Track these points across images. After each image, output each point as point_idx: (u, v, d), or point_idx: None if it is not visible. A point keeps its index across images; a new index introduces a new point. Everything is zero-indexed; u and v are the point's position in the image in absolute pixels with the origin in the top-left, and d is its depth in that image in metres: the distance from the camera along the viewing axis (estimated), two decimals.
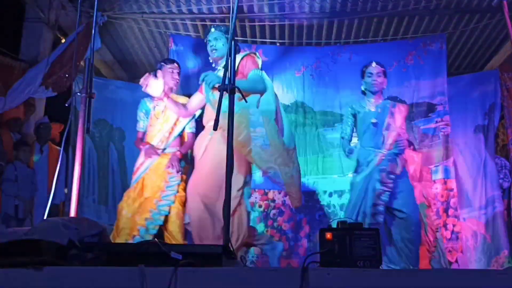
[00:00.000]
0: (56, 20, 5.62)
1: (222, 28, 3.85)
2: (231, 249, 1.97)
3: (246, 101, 2.73)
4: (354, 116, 4.19)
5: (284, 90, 5.67)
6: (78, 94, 2.45)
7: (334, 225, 2.21)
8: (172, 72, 4.24)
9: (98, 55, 6.35)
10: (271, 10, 5.79)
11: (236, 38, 5.95)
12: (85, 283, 1.57)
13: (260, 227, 5.27)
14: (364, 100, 4.21)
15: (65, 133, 2.74)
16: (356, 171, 4.10)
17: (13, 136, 5.32)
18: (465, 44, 6.46)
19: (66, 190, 5.16)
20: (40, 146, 5.41)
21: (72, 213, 2.26)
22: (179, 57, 5.29)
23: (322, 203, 5.34)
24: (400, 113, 4.06)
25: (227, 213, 2.14)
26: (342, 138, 4.26)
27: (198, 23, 6.03)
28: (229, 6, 2.53)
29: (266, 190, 5.38)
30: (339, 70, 5.66)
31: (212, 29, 3.87)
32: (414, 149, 5.14)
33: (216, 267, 1.71)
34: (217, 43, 3.79)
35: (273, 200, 5.38)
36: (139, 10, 5.65)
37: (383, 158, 3.92)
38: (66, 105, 2.96)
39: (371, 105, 4.11)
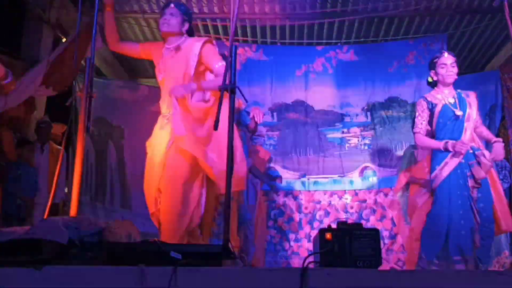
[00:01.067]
0: (57, 19, 5.63)
1: (182, 7, 3.47)
2: (231, 249, 1.98)
3: (247, 101, 2.73)
4: (431, 110, 3.80)
5: (285, 89, 5.68)
6: (78, 93, 2.46)
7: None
8: None
9: (99, 54, 6.35)
10: (272, 10, 5.79)
11: (236, 38, 5.97)
12: (85, 282, 1.57)
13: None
14: (436, 92, 3.86)
15: (66, 133, 2.74)
16: (438, 162, 3.70)
17: (14, 135, 5.32)
18: (466, 44, 6.46)
19: (66, 189, 5.16)
20: (41, 146, 5.41)
21: (73, 212, 2.27)
22: None
23: (322, 202, 5.35)
24: (474, 103, 3.87)
25: (226, 213, 2.14)
26: (416, 133, 3.82)
27: (199, 23, 6.04)
28: (230, 6, 2.53)
29: (267, 190, 5.38)
30: (340, 70, 5.67)
31: (172, 5, 3.41)
32: None
33: (215, 267, 1.72)
34: (171, 19, 3.34)
35: (274, 200, 5.39)
36: (140, 9, 5.66)
37: (469, 150, 3.60)
38: (67, 104, 2.97)
39: (448, 96, 3.80)
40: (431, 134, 3.84)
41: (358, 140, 5.55)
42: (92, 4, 2.91)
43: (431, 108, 3.81)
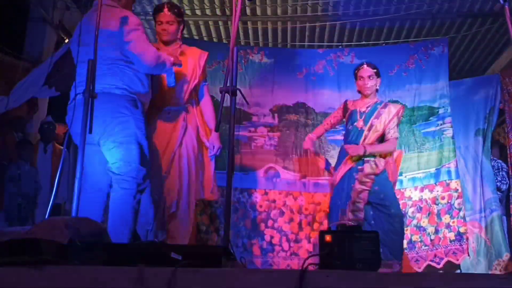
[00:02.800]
0: (60, 20, 5.65)
1: (176, 10, 3.54)
2: (231, 250, 1.99)
3: (248, 103, 2.74)
4: (345, 111, 4.16)
5: (286, 91, 5.69)
6: (80, 94, 2.46)
7: (334, 227, 2.22)
8: None
9: None
10: (274, 12, 5.81)
11: (238, 40, 5.99)
12: (85, 282, 1.58)
13: (260, 228, 5.28)
14: (360, 99, 4.15)
15: (67, 133, 2.75)
16: (335, 168, 4.09)
17: (16, 135, 5.34)
18: (467, 48, 6.47)
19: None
20: (44, 146, 5.43)
21: (74, 213, 2.28)
22: None
23: (322, 204, 5.35)
24: (388, 114, 4.02)
25: (227, 213, 2.15)
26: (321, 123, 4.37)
27: (201, 25, 6.06)
28: (232, 8, 2.54)
29: (267, 191, 5.39)
30: (341, 73, 5.67)
31: (165, 10, 3.49)
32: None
33: (215, 268, 1.72)
34: (170, 27, 3.49)
35: (274, 201, 5.39)
36: (142, 11, 5.68)
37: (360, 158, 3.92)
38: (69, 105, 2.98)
39: (364, 105, 4.07)
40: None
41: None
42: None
43: (346, 110, 4.18)
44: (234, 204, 5.25)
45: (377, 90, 4.13)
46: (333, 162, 5.46)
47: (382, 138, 4.02)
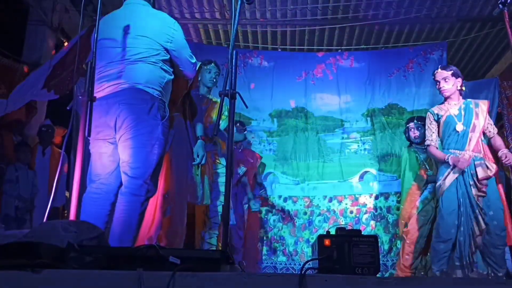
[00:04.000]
0: (59, 23, 5.65)
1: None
2: (229, 254, 1.98)
3: (247, 107, 2.74)
4: (437, 121, 3.98)
5: (285, 95, 5.69)
6: (80, 97, 2.45)
7: (333, 231, 2.21)
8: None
9: None
10: (273, 16, 5.82)
11: (237, 43, 5.99)
12: (83, 286, 1.57)
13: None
14: (444, 103, 4.02)
15: (66, 137, 2.72)
16: (440, 174, 3.87)
17: (14, 138, 5.33)
18: (466, 52, 6.48)
19: (67, 193, 5.17)
20: (43, 149, 5.42)
21: (72, 216, 2.26)
22: None
23: (321, 208, 5.35)
24: (482, 112, 3.94)
25: (225, 216, 2.14)
26: (428, 145, 3.98)
27: (201, 28, 6.07)
28: (231, 12, 2.54)
29: (266, 196, 5.38)
30: (340, 76, 5.69)
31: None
32: None
33: (214, 272, 1.72)
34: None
35: (273, 206, 5.39)
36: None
37: (471, 160, 3.75)
38: (68, 108, 2.98)
39: (454, 107, 3.93)
40: (440, 143, 3.99)
41: (358, 145, 5.56)
42: (95, 8, 2.92)
43: (437, 119, 3.98)
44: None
45: (460, 92, 3.96)
46: (331, 165, 5.50)
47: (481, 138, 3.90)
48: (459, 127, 3.82)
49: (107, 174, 2.73)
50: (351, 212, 5.30)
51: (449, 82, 3.91)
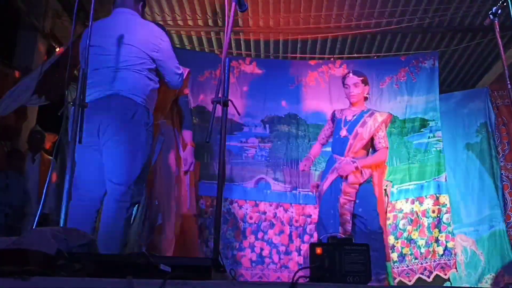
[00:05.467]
0: (51, 29, 5.64)
1: None
2: (221, 262, 1.97)
3: (239, 114, 2.74)
4: (333, 121, 4.19)
5: (278, 102, 5.70)
6: (70, 103, 2.44)
7: (324, 239, 2.21)
8: None
9: None
10: (266, 24, 5.84)
11: (230, 51, 6.01)
12: None
13: (251, 239, 5.26)
14: (348, 108, 4.20)
15: (57, 143, 2.72)
16: (322, 177, 4.11)
17: (4, 144, 5.29)
18: (457, 62, 6.55)
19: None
20: (32, 155, 5.38)
21: (62, 223, 2.24)
22: None
23: (313, 216, 5.34)
24: (374, 122, 4.02)
25: (217, 225, 2.13)
26: (317, 140, 4.39)
27: (193, 35, 6.08)
28: (224, 20, 2.56)
29: (257, 202, 5.37)
30: (332, 85, 5.70)
31: None
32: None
33: (205, 280, 1.71)
34: None
35: (264, 212, 5.38)
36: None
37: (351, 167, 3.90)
38: (59, 114, 2.95)
39: (351, 114, 4.10)
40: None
41: None
42: (87, 15, 2.92)
43: (334, 120, 4.22)
44: (224, 215, 5.23)
45: (365, 98, 4.13)
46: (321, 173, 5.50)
47: (367, 147, 4.03)
48: (343, 132, 4.00)
49: (93, 181, 2.74)
50: None
51: (359, 88, 4.06)
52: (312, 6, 5.45)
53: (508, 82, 2.70)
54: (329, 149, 5.53)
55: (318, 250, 2.04)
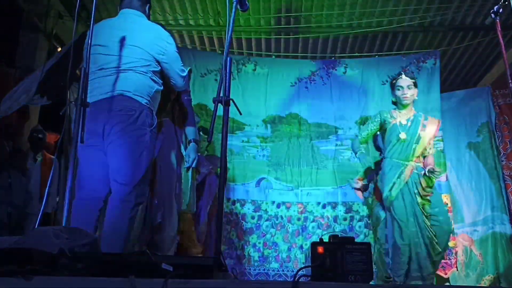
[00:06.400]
0: (52, 29, 5.64)
1: None
2: (223, 261, 1.97)
3: (240, 114, 2.74)
4: (381, 125, 4.05)
5: (279, 101, 5.71)
6: (73, 103, 2.45)
7: (326, 238, 2.21)
8: None
9: None
10: (267, 23, 5.84)
11: (231, 50, 6.01)
12: None
13: (253, 239, 5.27)
14: (395, 111, 4.08)
15: (59, 142, 2.72)
16: (386, 183, 3.91)
17: (6, 143, 5.29)
18: (459, 61, 6.53)
19: (58, 199, 5.13)
20: (34, 154, 5.38)
21: (64, 222, 2.25)
22: None
23: (315, 214, 5.34)
24: (431, 127, 3.98)
25: (219, 224, 2.14)
26: (356, 136, 4.14)
27: (195, 35, 6.08)
28: (226, 19, 2.56)
29: (259, 201, 5.38)
30: (334, 83, 5.70)
31: None
32: None
33: (207, 279, 1.71)
34: None
35: (266, 212, 5.38)
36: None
37: (414, 170, 3.84)
38: (61, 114, 2.97)
39: (402, 117, 4.00)
40: (383, 151, 4.07)
41: (352, 153, 5.56)
42: (89, 15, 2.93)
43: (384, 124, 4.05)
44: (226, 215, 5.23)
45: (414, 102, 4.04)
46: (324, 172, 5.50)
47: (424, 151, 3.97)
48: (403, 136, 3.88)
49: (96, 180, 2.74)
50: (345, 219, 5.30)
51: (412, 90, 3.99)
52: (313, 5, 5.45)
53: (510, 81, 2.70)
54: (328, 147, 5.53)
55: (320, 249, 2.05)
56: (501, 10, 2.88)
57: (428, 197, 3.76)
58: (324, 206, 5.38)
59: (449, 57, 6.39)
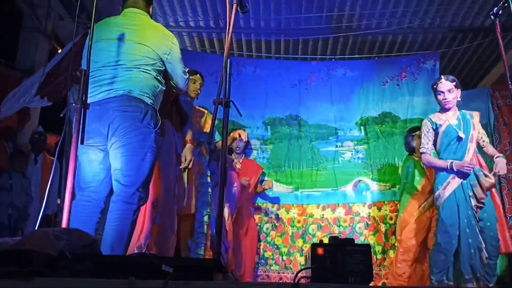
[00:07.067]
0: (53, 30, 5.64)
1: None
2: (222, 263, 1.97)
3: (241, 115, 2.75)
4: (435, 130, 3.92)
5: (279, 103, 5.71)
6: (73, 104, 2.45)
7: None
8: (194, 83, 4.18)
9: None
10: (268, 25, 5.85)
11: (231, 52, 6.01)
12: None
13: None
14: (442, 112, 3.98)
15: (59, 144, 2.70)
16: (440, 183, 3.80)
17: (6, 145, 5.30)
18: (458, 62, 6.54)
19: (58, 201, 5.13)
20: (35, 156, 5.39)
21: (64, 223, 2.25)
22: None
23: (315, 216, 5.35)
24: (477, 123, 3.89)
25: (218, 226, 2.14)
26: (423, 153, 3.93)
27: (195, 37, 6.09)
28: (226, 21, 2.56)
29: (259, 203, 5.38)
30: (334, 85, 5.71)
31: None
32: None
33: (207, 281, 1.71)
34: None
35: (266, 214, 5.38)
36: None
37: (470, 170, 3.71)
38: (61, 115, 2.95)
39: (452, 117, 3.90)
40: (436, 154, 3.94)
41: (352, 154, 5.57)
42: (89, 16, 2.93)
43: (435, 128, 3.93)
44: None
45: (458, 102, 3.95)
46: (324, 173, 5.50)
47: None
48: (462, 135, 3.78)
49: (97, 181, 2.71)
50: (345, 221, 5.30)
51: (453, 93, 3.89)
52: (313, 7, 5.45)
53: (510, 82, 2.70)
54: (328, 149, 5.54)
55: (320, 251, 2.05)
56: (500, 12, 2.89)
57: (482, 201, 3.65)
58: (324, 208, 5.38)
59: (449, 58, 6.40)
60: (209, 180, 4.14)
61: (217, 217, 2.17)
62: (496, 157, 3.75)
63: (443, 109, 3.95)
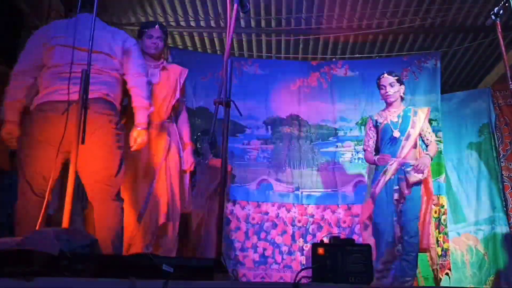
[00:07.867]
0: None
1: (165, 29, 3.76)
2: (223, 262, 1.97)
3: (241, 115, 2.75)
4: (376, 127, 4.06)
5: (280, 103, 5.71)
6: (74, 104, 2.45)
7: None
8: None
9: None
10: (268, 24, 5.84)
11: (232, 51, 6.01)
12: None
13: (253, 240, 5.27)
14: (385, 109, 4.12)
15: (60, 143, 2.72)
16: (374, 180, 3.97)
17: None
18: (459, 62, 6.53)
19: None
20: None
21: (65, 223, 2.25)
22: None
23: (315, 216, 5.35)
24: (419, 119, 3.99)
25: (219, 225, 2.14)
26: (365, 150, 4.10)
27: (196, 37, 6.09)
28: (227, 20, 2.56)
29: (260, 203, 5.38)
30: (334, 85, 5.71)
31: (157, 27, 3.66)
32: None
33: (207, 281, 1.71)
34: (159, 42, 3.65)
35: (267, 213, 5.38)
36: (137, 22, 5.69)
37: (400, 167, 3.84)
38: (61, 115, 2.95)
39: (393, 114, 4.02)
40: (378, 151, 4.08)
41: (352, 154, 5.57)
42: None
43: (376, 126, 4.09)
44: (227, 216, 5.24)
45: (402, 98, 4.09)
46: (325, 174, 5.50)
47: (415, 145, 3.99)
48: (396, 134, 3.93)
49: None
50: (344, 222, 5.30)
51: (395, 88, 4.01)
52: (314, 6, 5.45)
53: (510, 82, 2.70)
54: (329, 149, 5.54)
55: (320, 251, 2.05)
56: (501, 12, 2.89)
57: (405, 195, 3.77)
58: (324, 209, 5.38)
59: (450, 58, 6.39)
60: None
61: (218, 216, 2.18)
62: (425, 155, 3.91)
63: (387, 105, 4.08)
